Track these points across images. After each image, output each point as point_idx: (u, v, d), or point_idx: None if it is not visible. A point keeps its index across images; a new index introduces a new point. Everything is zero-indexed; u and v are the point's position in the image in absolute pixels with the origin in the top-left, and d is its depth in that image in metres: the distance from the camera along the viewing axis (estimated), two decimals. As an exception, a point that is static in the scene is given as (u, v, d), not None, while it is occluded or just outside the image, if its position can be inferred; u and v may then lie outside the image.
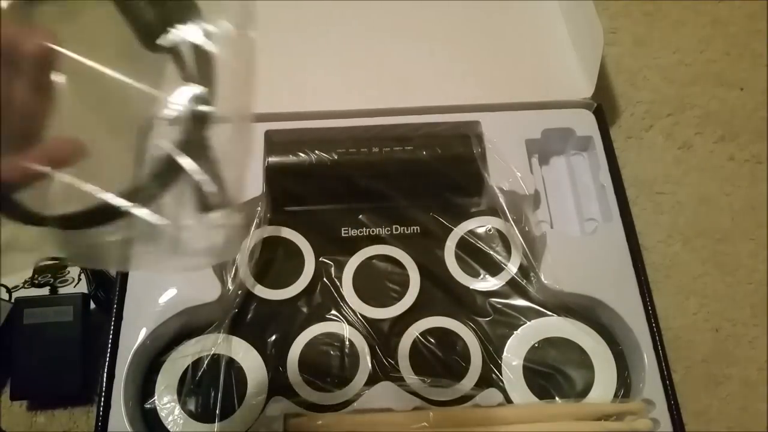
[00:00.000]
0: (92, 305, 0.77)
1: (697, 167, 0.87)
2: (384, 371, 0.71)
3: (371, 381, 0.70)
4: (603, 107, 0.84)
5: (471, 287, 0.75)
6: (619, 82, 0.94)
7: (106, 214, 0.40)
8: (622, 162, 0.81)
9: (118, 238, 0.42)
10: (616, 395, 0.69)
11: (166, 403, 0.69)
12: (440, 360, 0.71)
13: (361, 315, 0.74)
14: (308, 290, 0.76)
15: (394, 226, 0.78)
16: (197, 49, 0.42)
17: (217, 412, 0.68)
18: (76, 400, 0.75)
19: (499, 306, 0.74)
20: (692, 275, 0.81)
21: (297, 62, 0.89)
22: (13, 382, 0.74)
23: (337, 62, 0.89)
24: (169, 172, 0.41)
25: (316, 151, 0.79)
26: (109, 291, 0.76)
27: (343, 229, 0.79)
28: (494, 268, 0.76)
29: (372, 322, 0.73)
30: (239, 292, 0.74)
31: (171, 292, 0.72)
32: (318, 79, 0.87)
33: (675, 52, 0.97)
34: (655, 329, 0.70)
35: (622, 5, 1.01)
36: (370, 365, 0.71)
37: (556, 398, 0.69)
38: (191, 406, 0.69)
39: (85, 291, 0.78)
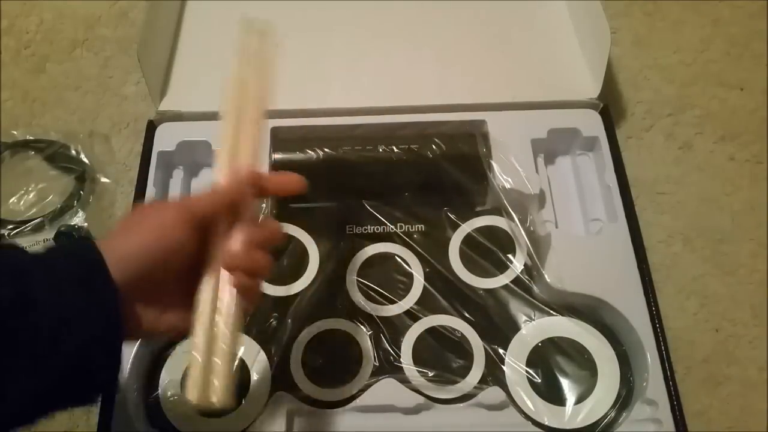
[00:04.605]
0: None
1: (697, 167, 0.88)
2: (387, 368, 0.71)
3: (374, 378, 0.70)
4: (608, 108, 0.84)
5: (475, 286, 0.76)
6: (619, 82, 0.94)
7: None
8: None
9: None
10: (618, 395, 0.69)
11: (170, 397, 0.69)
12: (443, 358, 0.72)
13: (365, 312, 0.74)
14: (312, 287, 0.76)
15: (398, 224, 0.79)
16: None
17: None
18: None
19: (503, 305, 0.75)
20: (692, 275, 0.81)
21: (304, 60, 0.89)
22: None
23: (344, 60, 0.89)
24: None
25: (322, 149, 0.79)
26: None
27: (347, 226, 0.79)
28: (498, 267, 0.76)
29: (376, 319, 0.73)
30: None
31: (176, 287, 0.72)
32: (325, 77, 0.87)
33: (675, 52, 0.97)
34: (658, 330, 0.71)
35: (622, 5, 1.01)
36: (373, 362, 0.71)
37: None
38: (194, 401, 0.69)
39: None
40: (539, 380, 0.70)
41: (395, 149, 0.79)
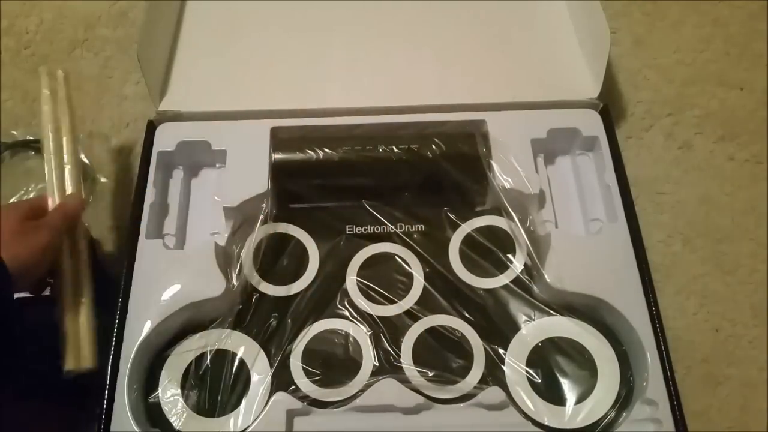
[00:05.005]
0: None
1: (697, 167, 0.88)
2: (387, 368, 0.71)
3: (374, 378, 0.70)
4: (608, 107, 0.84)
5: (475, 286, 0.76)
6: (619, 82, 0.94)
7: None
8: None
9: None
10: (618, 395, 0.69)
11: (170, 397, 0.69)
12: (443, 357, 0.72)
13: (365, 312, 0.74)
14: (312, 287, 0.76)
15: (398, 224, 0.78)
16: None
17: (221, 407, 0.69)
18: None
19: (503, 305, 0.74)
20: (692, 275, 0.81)
21: (304, 60, 0.89)
22: (12, 381, 0.73)
23: (344, 60, 0.89)
24: None
25: (322, 148, 0.79)
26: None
27: (347, 226, 0.79)
28: (498, 267, 0.76)
29: (376, 319, 0.73)
30: (244, 288, 0.74)
31: (176, 287, 0.72)
32: (324, 77, 0.87)
33: (675, 52, 0.97)
34: (658, 329, 0.70)
35: (622, 5, 1.01)
36: (373, 362, 0.71)
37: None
38: (194, 401, 0.69)
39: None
40: (539, 380, 0.70)
41: (395, 149, 0.78)
